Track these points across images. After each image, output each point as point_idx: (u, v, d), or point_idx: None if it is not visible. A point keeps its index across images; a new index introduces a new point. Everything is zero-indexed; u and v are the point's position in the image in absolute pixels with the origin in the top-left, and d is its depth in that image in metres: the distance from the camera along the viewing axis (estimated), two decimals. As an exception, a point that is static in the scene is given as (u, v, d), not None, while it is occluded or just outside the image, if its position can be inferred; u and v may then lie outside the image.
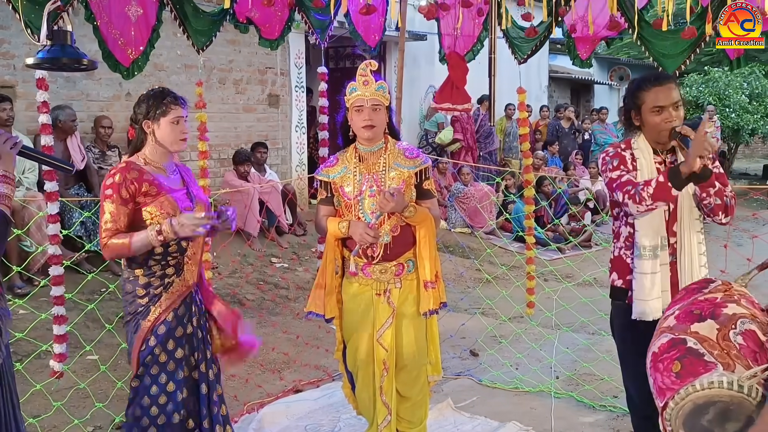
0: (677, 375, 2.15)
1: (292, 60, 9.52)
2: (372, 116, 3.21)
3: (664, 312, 2.42)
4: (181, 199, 2.95)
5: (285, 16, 4.57)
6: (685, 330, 2.24)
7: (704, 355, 2.14)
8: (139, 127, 2.96)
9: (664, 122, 2.93)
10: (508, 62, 5.22)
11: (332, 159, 3.41)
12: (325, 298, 3.39)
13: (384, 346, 3.31)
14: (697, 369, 2.12)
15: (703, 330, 2.20)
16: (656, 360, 2.26)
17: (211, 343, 3.12)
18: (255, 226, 7.77)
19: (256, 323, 6.08)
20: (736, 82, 16.07)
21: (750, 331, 2.17)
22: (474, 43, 5.50)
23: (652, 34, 4.28)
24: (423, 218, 3.30)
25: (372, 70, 3.22)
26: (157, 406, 2.91)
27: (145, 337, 2.91)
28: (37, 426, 3.91)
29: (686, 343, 2.20)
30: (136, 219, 2.86)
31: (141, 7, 3.80)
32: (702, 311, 2.26)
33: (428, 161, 3.37)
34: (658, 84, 2.95)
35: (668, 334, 2.27)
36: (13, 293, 5.39)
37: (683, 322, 2.27)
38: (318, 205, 3.46)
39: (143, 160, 2.95)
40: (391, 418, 3.37)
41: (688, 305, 2.33)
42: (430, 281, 3.32)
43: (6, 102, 5.99)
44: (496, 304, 6.03)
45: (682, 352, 2.18)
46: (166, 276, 2.94)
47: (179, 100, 2.98)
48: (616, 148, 3.11)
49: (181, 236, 2.84)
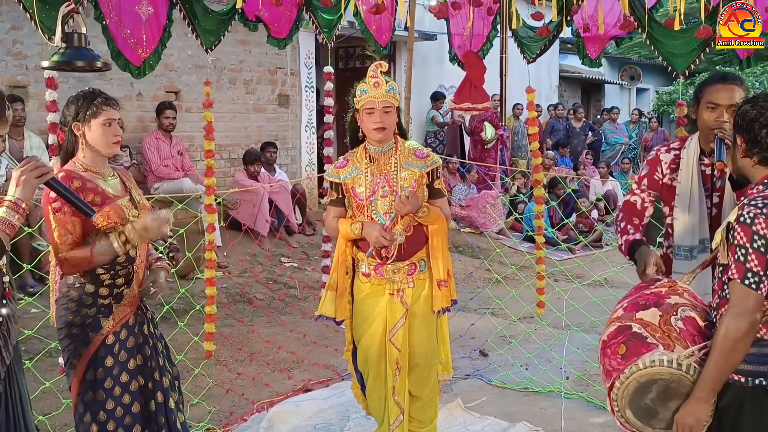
0: (623, 357, 2.30)
1: (302, 60, 9.53)
2: (383, 118, 3.20)
3: (615, 306, 2.57)
4: (126, 206, 2.84)
5: (293, 16, 4.58)
6: (630, 318, 2.39)
7: (647, 338, 2.31)
8: (69, 129, 2.82)
9: (714, 121, 2.86)
10: (519, 62, 5.21)
11: (342, 160, 3.39)
12: (336, 300, 3.39)
13: (396, 346, 3.31)
14: (640, 350, 2.28)
15: (647, 316, 2.36)
16: (605, 347, 2.42)
17: (162, 350, 3.01)
18: (264, 225, 7.78)
19: (265, 322, 6.10)
20: (749, 82, 15.97)
21: (690, 317, 2.35)
22: (483, 43, 5.50)
23: (662, 34, 4.27)
24: (436, 218, 3.30)
25: (382, 71, 3.20)
26: (114, 420, 2.80)
27: (96, 350, 2.79)
28: (47, 424, 3.93)
29: (631, 329, 2.36)
30: (84, 229, 2.73)
31: (152, 6, 3.81)
32: (647, 302, 2.42)
33: (439, 161, 3.36)
34: (722, 82, 2.91)
35: (616, 323, 2.43)
36: (24, 292, 5.42)
37: (630, 312, 2.43)
38: (328, 206, 3.45)
39: (81, 166, 2.82)
40: (404, 417, 3.37)
41: (636, 298, 2.49)
42: (443, 280, 3.34)
43: (18, 102, 6.03)
44: (506, 304, 6.01)
45: (627, 337, 2.34)
46: (116, 287, 2.83)
47: (111, 101, 2.84)
48: (660, 150, 3.10)
49: (148, 240, 2.77)
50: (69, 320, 2.81)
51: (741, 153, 2.33)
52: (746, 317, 2.13)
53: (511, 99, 11.39)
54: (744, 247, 2.16)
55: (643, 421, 2.33)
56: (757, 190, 2.29)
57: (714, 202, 2.96)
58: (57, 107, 3.54)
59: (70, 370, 2.84)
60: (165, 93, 7.87)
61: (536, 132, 5.02)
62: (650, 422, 2.32)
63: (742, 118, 2.32)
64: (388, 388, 3.35)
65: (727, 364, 2.16)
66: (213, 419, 4.29)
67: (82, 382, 2.81)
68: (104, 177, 2.87)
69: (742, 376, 2.19)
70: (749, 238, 2.15)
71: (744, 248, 2.16)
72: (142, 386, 2.89)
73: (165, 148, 7.37)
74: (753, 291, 2.14)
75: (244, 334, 5.76)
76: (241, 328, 5.88)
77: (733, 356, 2.15)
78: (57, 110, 3.54)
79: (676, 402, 2.27)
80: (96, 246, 2.73)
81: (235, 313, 6.16)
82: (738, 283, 2.16)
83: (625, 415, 2.34)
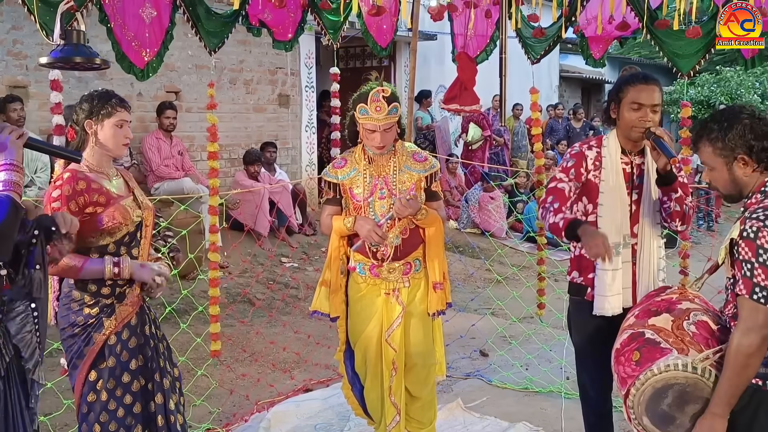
0: (637, 363, 2.28)
1: (302, 60, 9.53)
2: (384, 138, 3.21)
3: (627, 315, 2.58)
4: (130, 207, 2.85)
5: (298, 18, 4.58)
6: (643, 324, 2.39)
7: (660, 343, 2.29)
8: (81, 127, 2.83)
9: (638, 120, 2.94)
10: (519, 62, 5.21)
11: (340, 160, 3.39)
12: (330, 296, 3.40)
13: (393, 346, 3.31)
14: (654, 355, 2.26)
15: (659, 322, 2.35)
16: (619, 354, 2.40)
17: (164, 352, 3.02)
18: (265, 225, 7.78)
19: (266, 323, 6.10)
20: (748, 82, 15.96)
21: (702, 321, 2.34)
22: (487, 43, 5.49)
23: (667, 34, 4.27)
24: (433, 220, 3.31)
25: (384, 96, 3.16)
26: (116, 421, 2.80)
27: (99, 351, 2.79)
28: (48, 424, 3.93)
29: (644, 335, 2.34)
30: (86, 229, 2.72)
31: (155, 8, 3.81)
32: (658, 308, 2.42)
33: (437, 165, 3.37)
34: (644, 82, 2.97)
35: (628, 331, 2.43)
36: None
37: (641, 318, 2.43)
38: (324, 204, 3.45)
39: (86, 166, 2.83)
40: (400, 418, 3.37)
41: (647, 306, 2.50)
42: (439, 282, 3.34)
43: (17, 102, 6.03)
44: (507, 305, 6.02)
45: (640, 343, 2.33)
46: (117, 286, 2.83)
47: (124, 103, 2.87)
48: (583, 146, 3.14)
49: (135, 279, 2.81)
50: (72, 320, 2.81)
51: (741, 162, 2.30)
52: (757, 332, 2.12)
53: (510, 99, 11.38)
54: (750, 262, 2.15)
55: (660, 428, 2.28)
56: (756, 200, 2.28)
57: (633, 199, 3.05)
58: (61, 109, 3.55)
59: (73, 371, 2.84)
60: (165, 93, 7.88)
61: (539, 133, 5.02)
62: (668, 428, 2.28)
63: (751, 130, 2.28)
64: (385, 389, 3.35)
65: (740, 379, 2.14)
66: (214, 420, 4.29)
67: (84, 382, 2.81)
68: (109, 177, 2.88)
69: (759, 380, 2.18)
70: (754, 253, 2.14)
71: (750, 263, 2.15)
72: (143, 387, 2.89)
73: (165, 148, 7.37)
74: (762, 305, 2.12)
75: (245, 335, 5.76)
76: (242, 328, 5.88)
77: (747, 371, 2.14)
78: (61, 112, 3.55)
79: (693, 406, 2.24)
80: (89, 261, 2.74)
81: (236, 313, 6.16)
82: (747, 298, 2.15)
83: (642, 422, 2.30)
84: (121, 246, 2.83)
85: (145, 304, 3.00)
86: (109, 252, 2.80)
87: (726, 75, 16.14)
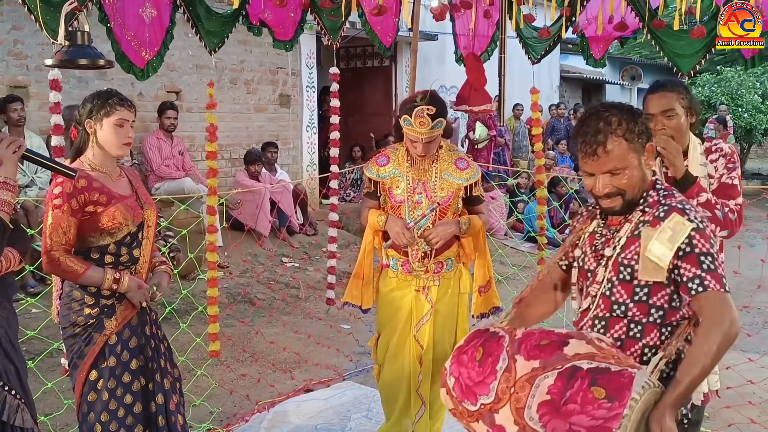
0: (609, 399, 1.86)
1: (303, 60, 9.52)
2: (426, 149, 3.26)
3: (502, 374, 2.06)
4: (131, 207, 2.84)
5: (298, 17, 4.58)
6: (562, 359, 1.97)
7: (610, 368, 1.93)
8: (82, 127, 2.82)
9: (654, 130, 2.84)
10: (519, 62, 5.20)
11: (383, 157, 3.42)
12: (362, 288, 3.47)
13: (421, 342, 3.36)
14: (618, 382, 1.88)
15: (579, 349, 2.00)
16: (563, 404, 1.90)
17: (165, 352, 3.02)
18: (266, 225, 7.78)
19: (266, 323, 6.10)
20: (749, 82, 15.97)
21: (597, 338, 2.08)
22: (488, 44, 5.49)
23: (667, 34, 4.27)
24: (477, 230, 3.39)
25: (429, 114, 3.16)
26: (116, 421, 2.79)
27: (100, 351, 2.79)
28: (48, 424, 3.93)
29: (582, 368, 1.93)
30: (86, 228, 2.74)
31: (155, 8, 3.81)
32: (550, 339, 2.05)
33: (479, 174, 3.39)
34: (650, 92, 2.94)
35: (547, 374, 1.96)
36: (26, 292, 5.42)
37: (547, 357, 2.00)
38: (364, 196, 3.53)
39: (89, 165, 2.82)
40: (424, 411, 3.41)
41: (525, 347, 2.06)
42: (483, 286, 3.50)
43: (17, 102, 6.03)
44: (507, 305, 6.00)
45: (589, 378, 1.91)
46: None
47: (125, 102, 2.84)
48: None
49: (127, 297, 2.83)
50: (72, 320, 2.80)
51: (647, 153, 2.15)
52: (736, 322, 1.94)
53: (510, 99, 11.38)
54: (709, 254, 1.99)
55: None
56: (655, 196, 2.13)
57: None
58: (60, 109, 3.55)
59: (74, 371, 2.83)
60: (166, 93, 7.87)
61: (539, 133, 5.02)
62: None
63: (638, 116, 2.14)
64: (413, 384, 3.39)
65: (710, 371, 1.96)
66: (215, 420, 4.29)
67: (85, 382, 2.81)
68: (112, 176, 2.87)
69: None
70: (709, 243, 2.00)
71: (710, 255, 1.99)
72: (143, 387, 2.88)
73: (166, 148, 7.37)
74: (729, 292, 1.98)
75: (246, 335, 5.76)
76: (242, 328, 5.88)
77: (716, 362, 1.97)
78: (60, 112, 3.55)
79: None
80: (91, 269, 2.74)
81: (236, 313, 6.16)
82: (720, 292, 1.96)
83: None
84: (121, 246, 2.82)
85: (147, 304, 2.99)
86: (109, 252, 2.80)
87: (726, 75, 16.14)
